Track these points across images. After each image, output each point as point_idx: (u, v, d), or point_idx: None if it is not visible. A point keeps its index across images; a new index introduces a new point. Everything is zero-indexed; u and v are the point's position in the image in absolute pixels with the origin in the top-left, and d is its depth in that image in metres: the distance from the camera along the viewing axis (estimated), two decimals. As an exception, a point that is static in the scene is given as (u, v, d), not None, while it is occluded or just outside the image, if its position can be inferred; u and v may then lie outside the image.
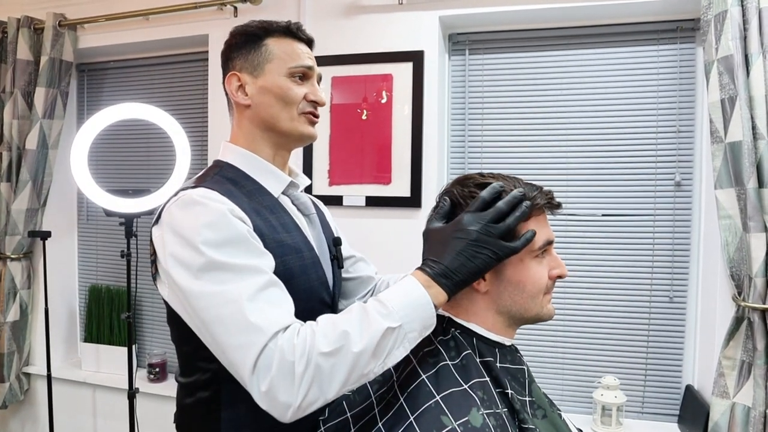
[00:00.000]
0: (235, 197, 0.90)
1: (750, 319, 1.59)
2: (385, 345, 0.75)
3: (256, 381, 0.74)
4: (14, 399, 2.49)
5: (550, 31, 2.06)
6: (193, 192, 0.87)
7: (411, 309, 0.77)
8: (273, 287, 0.82)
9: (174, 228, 0.85)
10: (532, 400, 0.85)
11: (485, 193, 0.81)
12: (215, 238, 0.81)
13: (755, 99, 1.56)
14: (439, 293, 0.78)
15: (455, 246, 0.79)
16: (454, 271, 0.78)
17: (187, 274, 0.81)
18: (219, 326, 0.77)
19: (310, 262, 0.98)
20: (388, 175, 2.05)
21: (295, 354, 0.73)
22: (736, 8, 1.58)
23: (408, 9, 2.03)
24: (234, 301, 0.77)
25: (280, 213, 0.98)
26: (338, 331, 0.75)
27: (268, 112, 1.00)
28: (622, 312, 2.01)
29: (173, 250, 0.83)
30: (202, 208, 0.84)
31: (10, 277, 2.44)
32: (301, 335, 0.75)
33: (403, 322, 0.76)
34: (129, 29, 2.38)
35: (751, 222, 1.57)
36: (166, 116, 2.12)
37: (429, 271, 0.79)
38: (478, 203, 0.81)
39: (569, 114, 2.05)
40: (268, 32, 1.01)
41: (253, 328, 0.75)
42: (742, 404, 1.60)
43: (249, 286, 0.79)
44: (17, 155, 2.39)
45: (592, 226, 2.04)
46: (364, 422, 0.83)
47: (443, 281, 0.78)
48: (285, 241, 0.93)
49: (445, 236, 0.81)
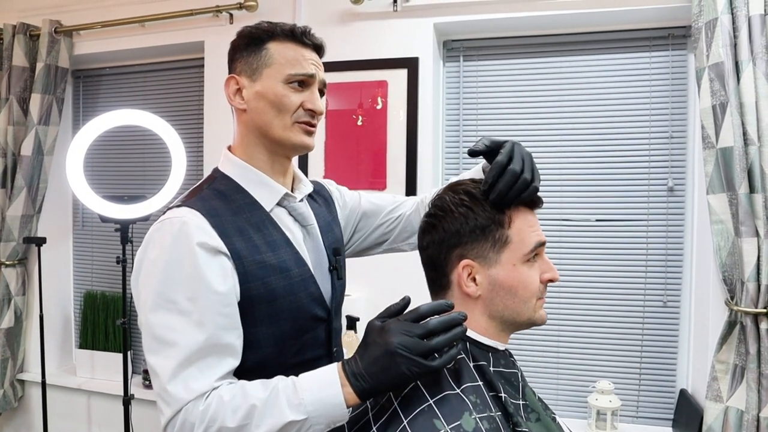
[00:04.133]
0: (219, 215, 0.90)
1: (742, 323, 1.61)
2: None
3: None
4: (8, 406, 2.48)
5: (543, 38, 2.07)
6: (173, 217, 0.88)
7: (321, 405, 0.77)
8: (204, 357, 0.83)
9: (144, 256, 0.88)
10: (525, 403, 0.86)
11: (425, 307, 0.78)
12: (174, 278, 0.84)
13: (746, 105, 1.58)
14: (350, 394, 0.78)
15: (374, 351, 0.77)
16: (366, 377, 0.77)
17: (144, 305, 0.85)
18: (151, 357, 0.83)
19: (299, 280, 0.96)
20: (383, 180, 2.06)
21: (201, 424, 0.78)
22: (726, 16, 1.60)
23: (403, 16, 2.05)
24: (166, 359, 0.82)
25: (268, 230, 0.96)
26: (246, 406, 0.78)
27: (262, 118, 0.97)
28: (616, 317, 2.02)
29: (142, 274, 0.88)
30: (170, 240, 0.86)
31: (5, 283, 2.43)
32: (212, 405, 0.79)
33: (310, 416, 0.77)
34: (125, 36, 2.38)
35: (742, 227, 1.58)
36: (161, 122, 2.12)
37: (348, 368, 0.79)
38: (413, 314, 0.78)
39: (563, 120, 2.07)
40: (271, 35, 0.97)
41: (172, 392, 0.80)
42: (735, 408, 1.61)
43: (182, 349, 0.82)
44: (12, 161, 2.39)
45: (586, 232, 2.05)
46: (359, 427, 0.83)
47: (355, 383, 0.77)
48: (268, 261, 0.92)
49: (373, 337, 0.78)
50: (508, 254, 0.85)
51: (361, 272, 1.63)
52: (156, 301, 0.83)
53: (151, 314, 0.84)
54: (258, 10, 2.16)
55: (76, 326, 2.71)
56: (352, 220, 1.24)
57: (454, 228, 0.85)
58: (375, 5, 2.06)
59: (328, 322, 1.03)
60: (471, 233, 0.85)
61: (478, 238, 0.85)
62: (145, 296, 0.85)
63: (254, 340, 0.91)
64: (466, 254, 0.85)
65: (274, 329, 0.93)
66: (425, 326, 0.76)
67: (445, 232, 0.86)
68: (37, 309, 2.34)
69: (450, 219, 0.86)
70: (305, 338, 0.98)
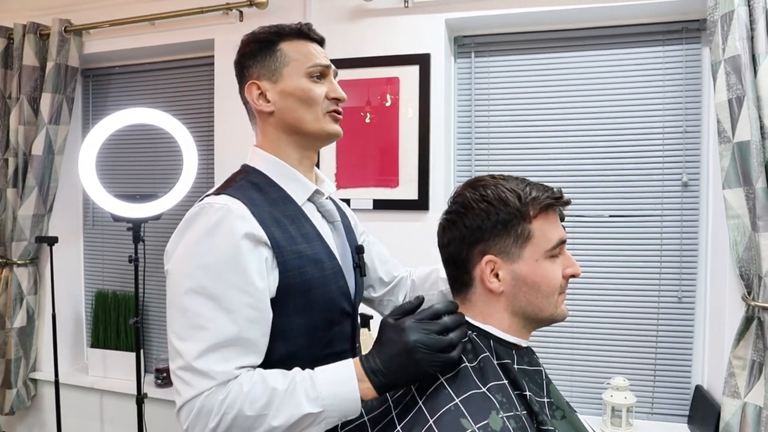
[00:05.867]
0: (257, 205, 0.91)
1: (760, 319, 1.59)
2: (301, 424, 0.80)
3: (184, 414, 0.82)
4: (21, 405, 2.49)
5: (555, 33, 2.06)
6: (214, 203, 0.88)
7: (337, 399, 0.80)
8: (230, 346, 0.83)
9: (182, 237, 0.89)
10: (550, 401, 0.85)
11: (440, 307, 0.82)
12: (212, 266, 0.84)
13: (763, 99, 1.56)
14: (369, 389, 0.81)
15: (392, 349, 0.80)
16: (386, 373, 0.80)
17: (178, 286, 0.86)
18: (177, 338, 0.84)
19: (331, 273, 0.98)
20: (395, 178, 2.06)
21: (219, 412, 0.79)
22: (743, 8, 1.58)
23: (414, 12, 2.04)
24: (195, 341, 0.82)
25: (302, 222, 0.98)
26: (265, 397, 0.79)
27: (293, 115, 0.99)
28: (631, 313, 2.01)
29: (178, 255, 0.88)
30: (212, 226, 0.86)
31: (17, 282, 2.44)
32: (231, 394, 0.80)
33: (326, 409, 0.80)
34: (134, 34, 2.38)
35: (760, 221, 1.56)
36: (172, 120, 2.12)
37: (366, 364, 0.82)
38: (428, 312, 0.82)
39: (576, 115, 2.05)
40: (280, 36, 1.01)
41: (195, 372, 0.81)
42: (753, 404, 1.60)
43: (211, 335, 0.82)
44: (23, 161, 2.39)
45: (600, 228, 2.04)
46: (382, 425, 0.83)
47: (374, 378, 0.81)
48: (304, 252, 0.93)
49: (389, 335, 0.82)
50: (531, 249, 0.84)
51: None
52: (191, 285, 0.84)
53: (185, 297, 0.84)
54: (268, 7, 2.15)
55: (87, 325, 2.71)
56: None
57: (476, 224, 0.85)
58: (385, 1, 2.05)
59: (353, 317, 1.06)
60: (493, 228, 0.84)
61: (500, 233, 0.84)
62: (181, 278, 0.85)
63: (288, 330, 0.92)
64: (488, 250, 0.85)
65: (306, 319, 0.94)
66: (441, 323, 0.80)
67: (466, 228, 0.86)
68: (50, 308, 2.35)
69: (471, 215, 0.86)
70: (334, 331, 1.00)
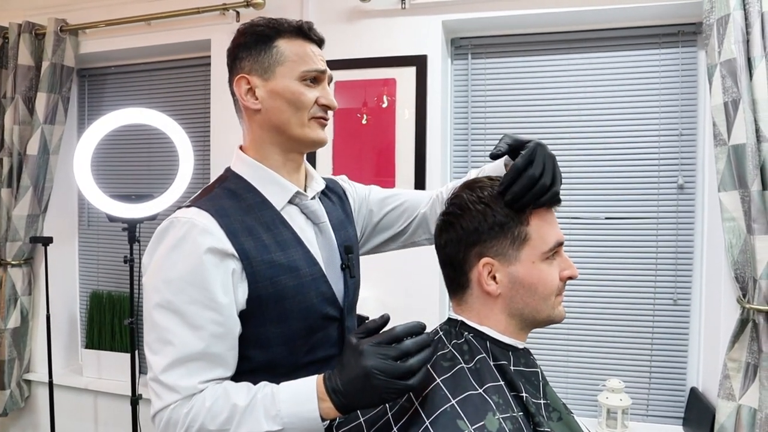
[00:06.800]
0: (228, 215, 0.90)
1: (755, 321, 1.60)
2: None
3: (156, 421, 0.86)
4: (15, 406, 2.47)
5: (552, 35, 2.06)
6: (181, 217, 0.89)
7: (297, 419, 0.79)
8: (196, 361, 0.84)
9: (154, 251, 0.90)
10: (546, 402, 0.85)
11: (400, 329, 0.77)
12: (176, 282, 0.85)
13: (758, 102, 1.57)
14: (330, 408, 0.79)
15: (350, 372, 0.77)
16: (346, 394, 0.77)
17: (149, 300, 0.88)
18: (148, 350, 0.88)
19: (309, 280, 0.95)
20: (391, 179, 2.05)
21: (183, 426, 0.82)
22: (739, 12, 1.59)
23: (411, 14, 2.04)
24: (161, 355, 0.85)
25: (279, 229, 0.95)
26: (226, 412, 0.80)
27: (279, 117, 0.96)
28: (626, 315, 2.01)
29: (150, 270, 0.89)
30: (176, 242, 0.87)
31: (11, 283, 2.43)
32: (194, 408, 0.81)
33: (285, 428, 0.79)
34: (130, 34, 2.37)
35: (755, 224, 1.57)
36: (168, 120, 2.11)
37: (328, 383, 0.79)
38: (387, 336, 0.77)
39: (572, 118, 2.06)
40: (279, 32, 0.96)
41: (163, 386, 0.84)
42: (748, 406, 1.60)
43: (176, 350, 0.84)
44: (18, 161, 2.38)
45: (596, 229, 2.04)
46: (378, 427, 0.82)
47: (335, 398, 0.78)
48: (278, 260, 0.91)
49: (348, 357, 0.78)
50: (528, 251, 0.84)
51: (371, 271, 1.62)
52: (158, 300, 0.86)
53: (154, 311, 0.86)
54: (265, 8, 2.15)
55: (81, 326, 2.70)
56: (366, 214, 1.22)
57: (473, 226, 0.85)
58: (383, 3, 2.05)
59: (341, 321, 1.02)
60: (490, 230, 0.84)
61: (497, 235, 0.84)
62: (150, 293, 0.87)
63: (264, 339, 0.91)
64: (485, 252, 0.84)
65: (283, 328, 0.92)
66: (399, 348, 0.76)
67: (463, 230, 0.86)
68: (44, 309, 2.34)
69: (468, 217, 0.85)
70: (316, 337, 0.97)
